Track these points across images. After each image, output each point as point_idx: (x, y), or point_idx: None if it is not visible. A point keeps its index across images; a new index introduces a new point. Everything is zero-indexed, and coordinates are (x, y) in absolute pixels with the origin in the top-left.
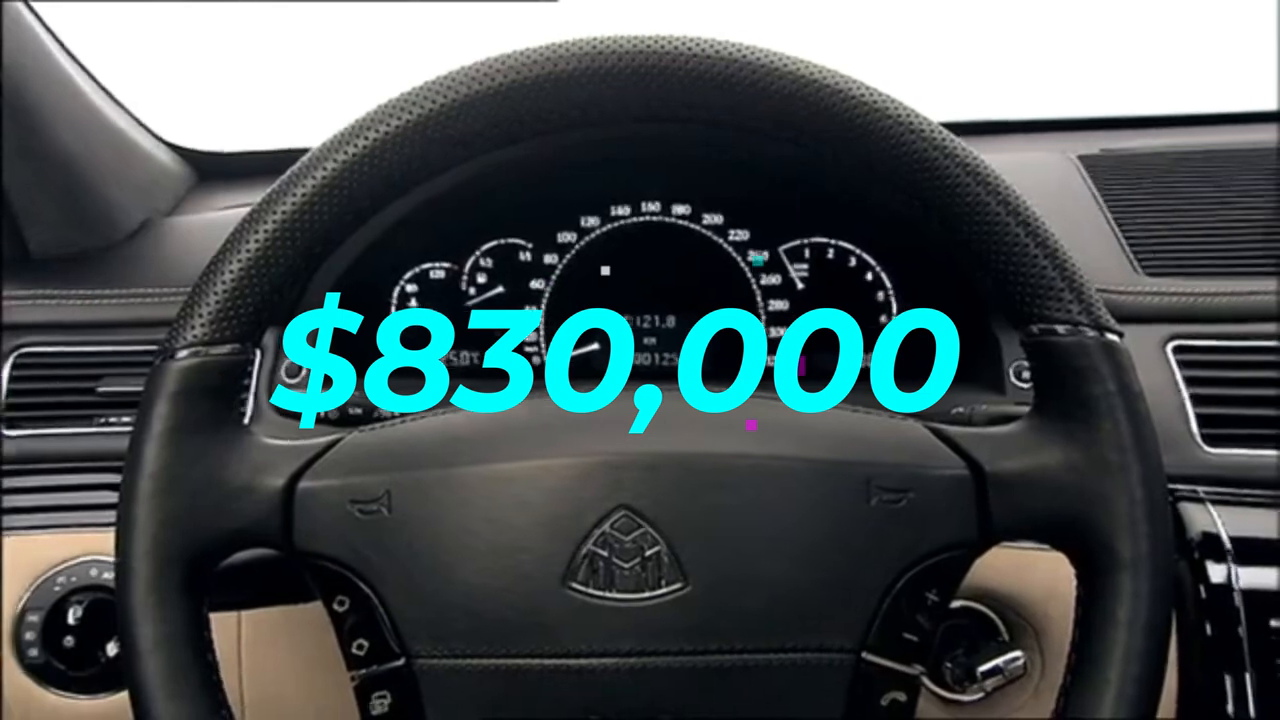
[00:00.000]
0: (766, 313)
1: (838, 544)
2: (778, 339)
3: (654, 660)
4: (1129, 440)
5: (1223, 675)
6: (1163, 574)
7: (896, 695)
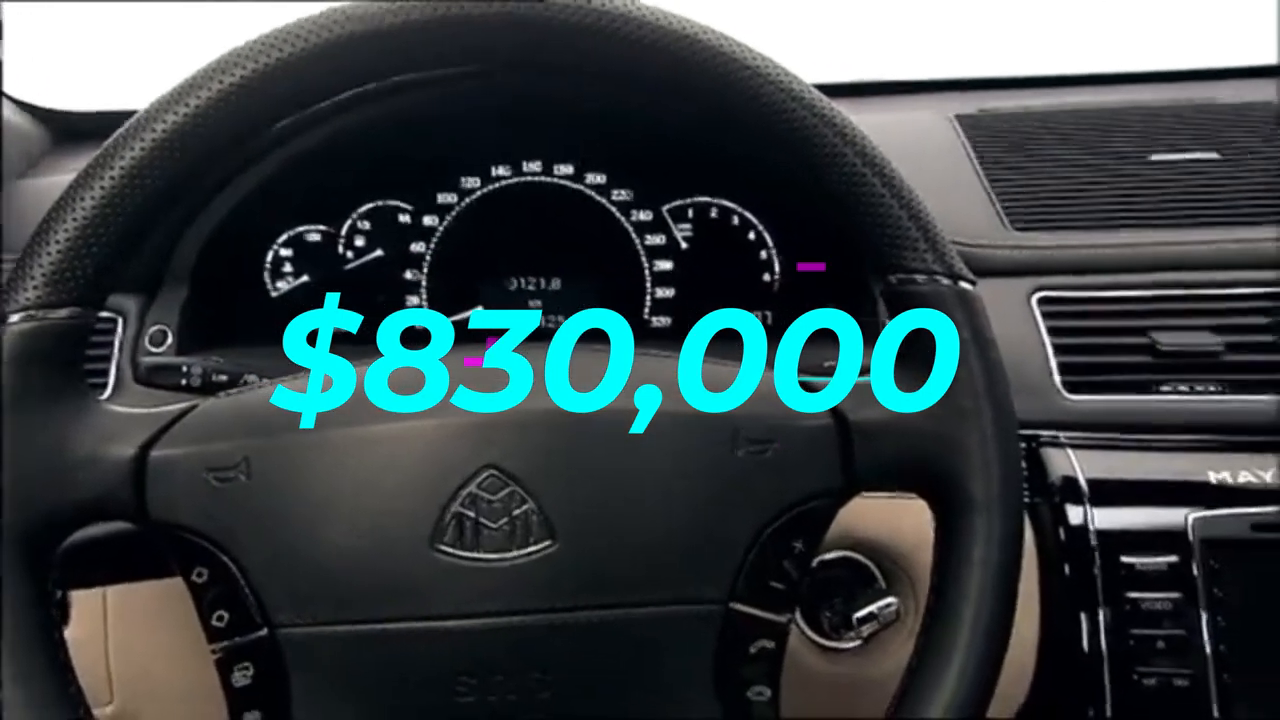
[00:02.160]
0: (651, 273)
1: (705, 496)
2: (664, 300)
3: (523, 619)
4: (981, 386)
5: (1079, 614)
6: (1013, 515)
7: (765, 643)
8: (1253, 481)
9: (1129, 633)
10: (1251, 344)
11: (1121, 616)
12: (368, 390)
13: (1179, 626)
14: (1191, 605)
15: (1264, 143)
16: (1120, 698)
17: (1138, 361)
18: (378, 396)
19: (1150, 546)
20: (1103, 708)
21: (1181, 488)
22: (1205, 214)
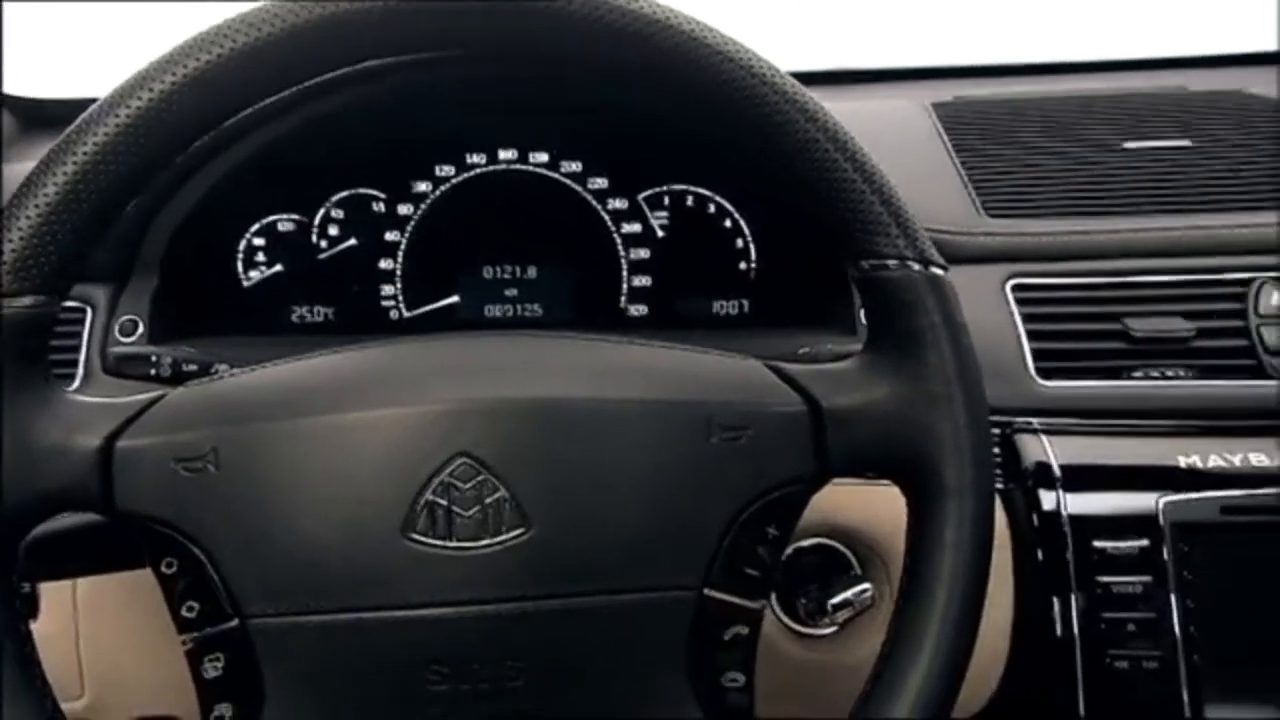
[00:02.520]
0: (627, 262)
1: (679, 483)
2: (641, 288)
3: (497, 607)
4: (953, 371)
5: (1052, 599)
6: (985, 499)
7: (739, 629)
8: (1222, 465)
9: (1101, 616)
10: (1221, 329)
11: (1093, 600)
12: (338, 378)
13: (1149, 609)
14: (1162, 588)
15: (1235, 130)
16: (1092, 681)
17: (1110, 348)
18: (349, 385)
19: (1122, 531)
20: (1074, 692)
21: (1153, 472)
22: (1177, 201)
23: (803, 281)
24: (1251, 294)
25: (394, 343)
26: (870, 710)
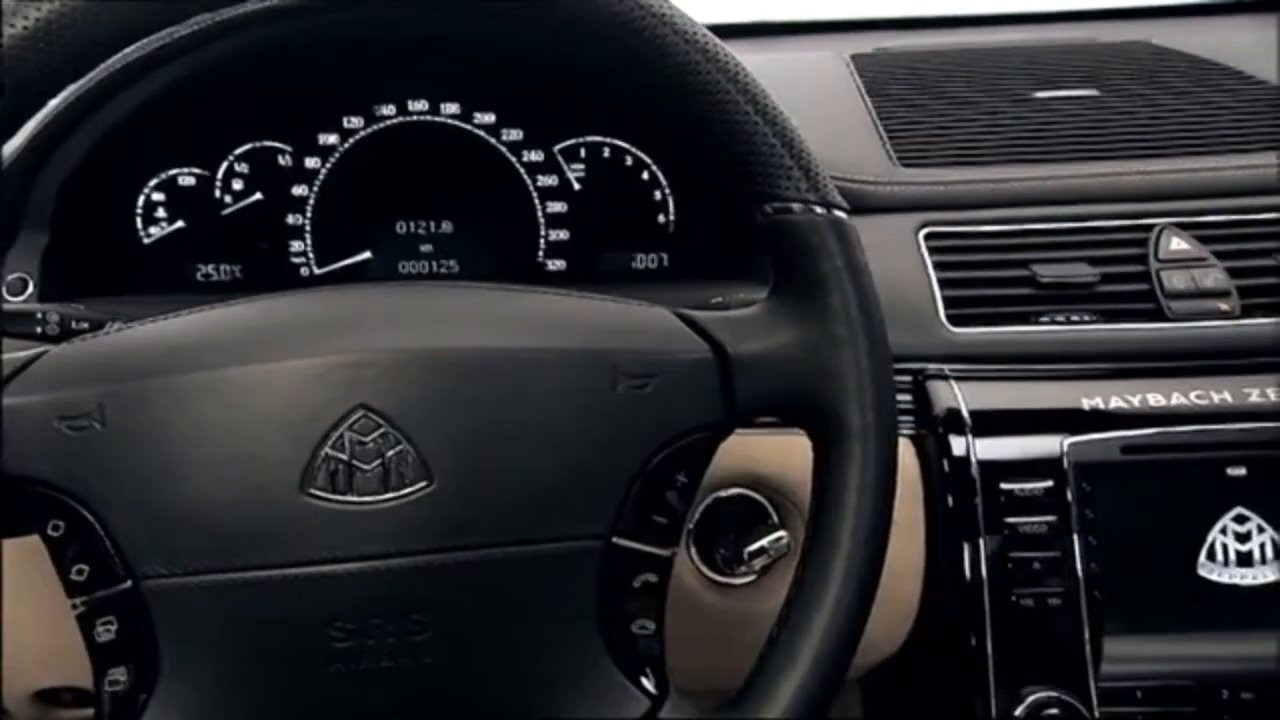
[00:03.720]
0: (544, 215)
1: (585, 432)
2: (559, 242)
3: (400, 562)
4: (856, 315)
5: (962, 542)
6: (888, 441)
7: (649, 577)
8: (1123, 406)
9: (1007, 557)
10: (1124, 274)
11: (1001, 542)
12: (231, 331)
13: (1054, 549)
14: (1065, 528)
15: (1140, 80)
16: (999, 620)
17: (1019, 294)
18: (242, 338)
19: (1028, 473)
20: (984, 634)
21: (1058, 415)
22: (1084, 149)
23: (722, 234)
24: (1153, 239)
25: (289, 295)
26: (777, 653)
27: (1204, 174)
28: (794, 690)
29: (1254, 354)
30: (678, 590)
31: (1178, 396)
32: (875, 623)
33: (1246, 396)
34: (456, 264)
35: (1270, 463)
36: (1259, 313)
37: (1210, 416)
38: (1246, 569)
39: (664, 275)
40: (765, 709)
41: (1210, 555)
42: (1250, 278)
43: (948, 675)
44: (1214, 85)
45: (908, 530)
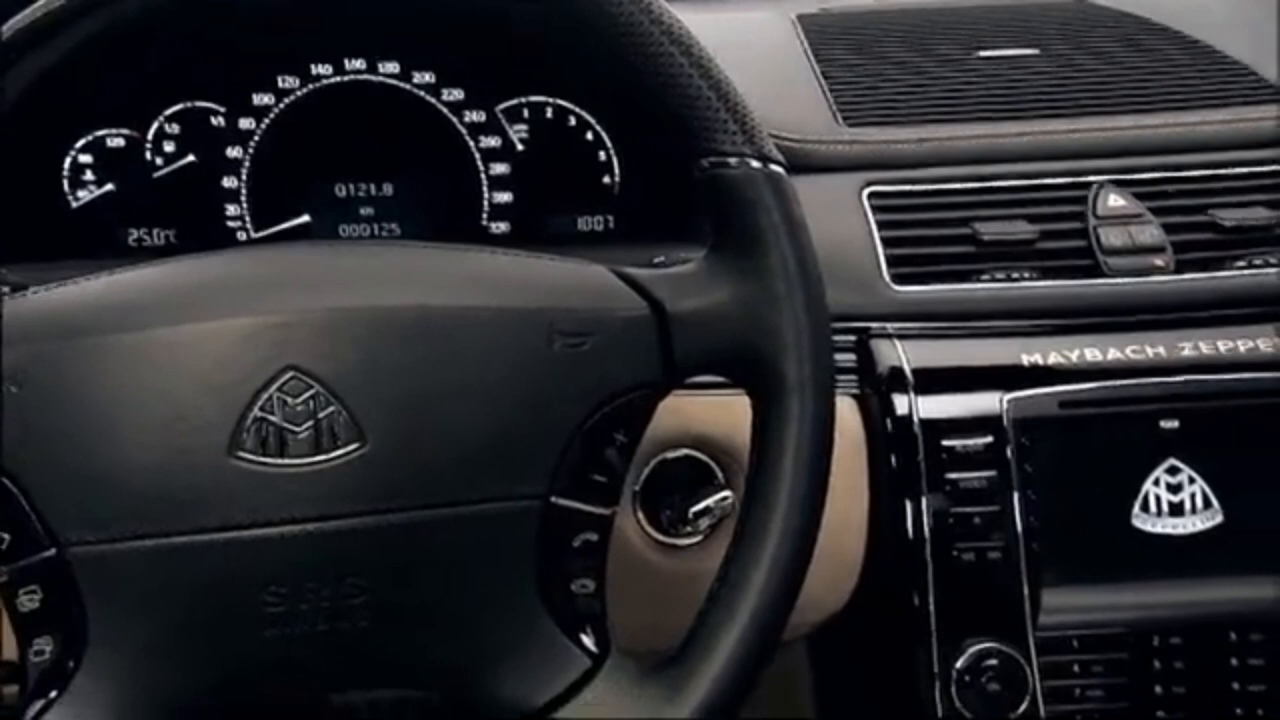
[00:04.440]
0: (487, 177)
1: (521, 391)
2: (503, 205)
3: (334, 524)
4: (794, 270)
5: (905, 500)
6: (825, 396)
7: (588, 536)
8: (1061, 362)
9: (949, 512)
10: (1062, 231)
11: (942, 498)
12: (155, 291)
13: (994, 503)
14: (1005, 482)
15: (1078, 38)
16: (940, 574)
17: (960, 252)
18: (166, 298)
19: (969, 429)
20: (925, 589)
21: (998, 371)
22: (1024, 108)
23: (668, 195)
24: (1091, 196)
25: (219, 254)
26: (716, 610)
27: (1141, 131)
28: (733, 646)
29: (1188, 309)
30: (624, 552)
31: (1114, 351)
32: (820, 580)
33: (1180, 351)
34: (398, 227)
35: (1202, 415)
36: (1193, 268)
37: (1145, 371)
38: (1178, 519)
39: (610, 237)
40: (704, 665)
41: (1144, 507)
42: (1185, 233)
43: (892, 630)
44: (1151, 44)
45: (851, 488)
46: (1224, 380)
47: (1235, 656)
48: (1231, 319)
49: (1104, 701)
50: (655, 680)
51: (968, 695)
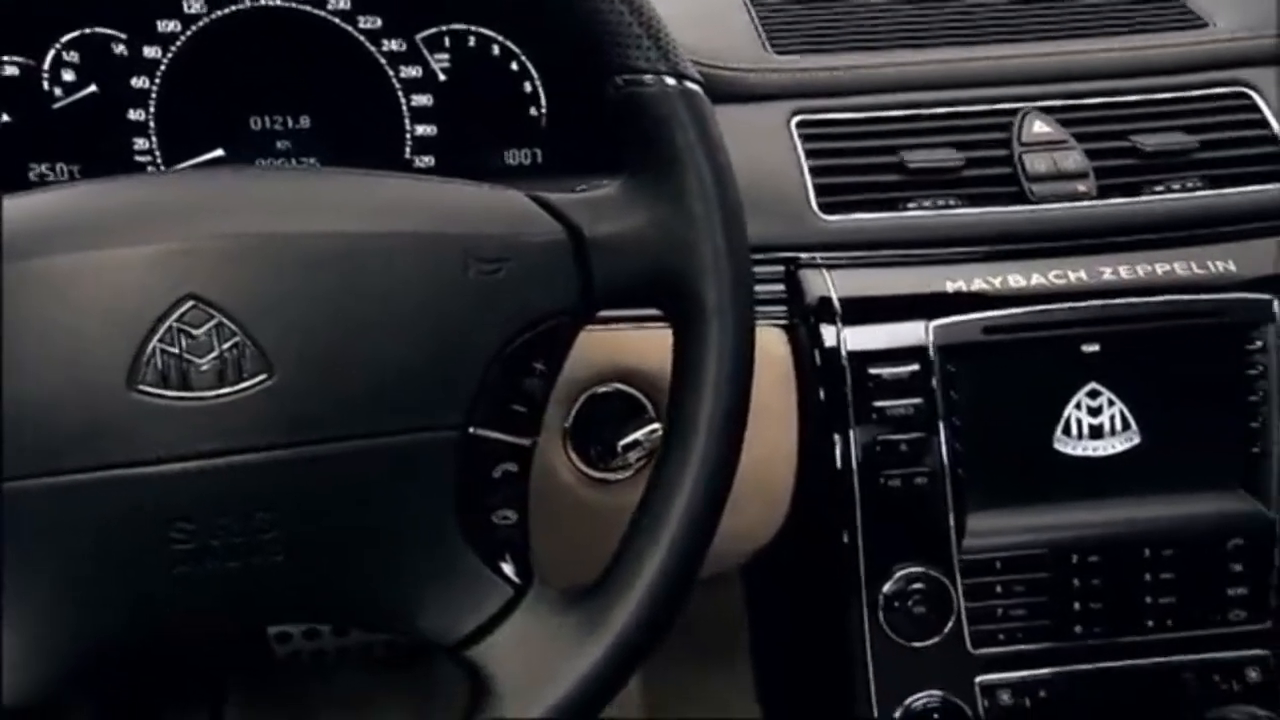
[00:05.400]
0: (409, 109)
1: (435, 319)
2: (426, 138)
3: (242, 458)
4: (711, 191)
5: (832, 429)
6: (745, 319)
7: (508, 466)
8: (985, 288)
9: (876, 440)
10: (987, 158)
11: (870, 426)
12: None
13: (920, 430)
14: (930, 409)
15: None
16: (868, 502)
17: (888, 180)
18: (57, 225)
19: (895, 357)
20: (853, 516)
21: (924, 299)
22: (952, 34)
23: (596, 126)
24: (1016, 123)
25: (117, 179)
26: (638, 538)
27: (1066, 57)
28: (653, 575)
29: (1109, 233)
30: (556, 488)
31: (1037, 277)
32: (750, 511)
33: (1100, 275)
34: (317, 161)
35: (1121, 338)
36: (1115, 193)
37: (1066, 295)
38: (1098, 441)
39: (538, 170)
40: (626, 593)
41: (1065, 430)
42: (1107, 159)
43: (822, 559)
44: None
45: (780, 418)
46: (1143, 303)
47: (1149, 572)
48: (1151, 243)
49: (1025, 620)
50: (576, 610)
51: (895, 619)
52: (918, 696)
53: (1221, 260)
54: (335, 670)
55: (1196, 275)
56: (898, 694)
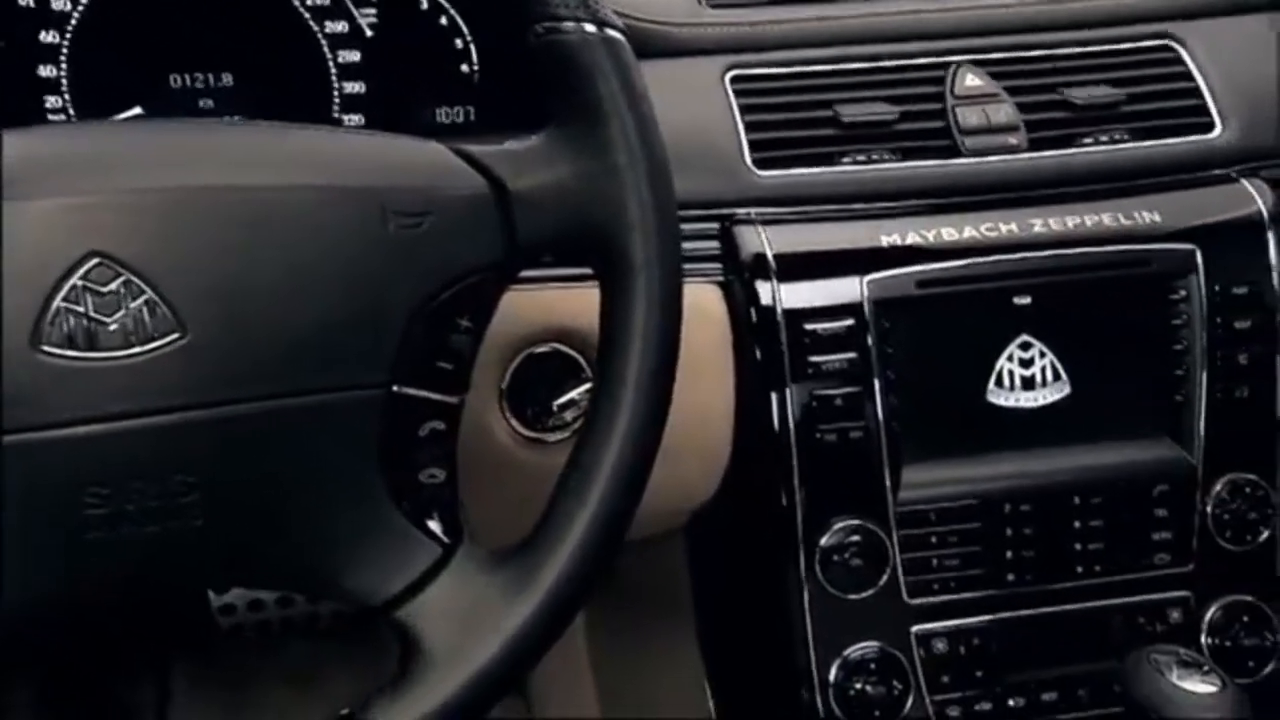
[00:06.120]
0: (336, 66)
1: (355, 275)
2: (354, 95)
3: (155, 420)
4: (635, 142)
5: (770, 385)
6: (672, 274)
7: (435, 425)
8: (919, 242)
9: (813, 395)
10: (921, 112)
11: (806, 382)
12: None
13: (855, 385)
14: (865, 364)
15: None
16: (805, 457)
17: (822, 135)
18: None
19: (830, 312)
20: (791, 475)
21: (859, 254)
22: None
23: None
24: (949, 76)
25: (19, 131)
26: (566, 496)
27: (998, 11)
28: (582, 531)
29: (1040, 186)
30: (492, 449)
31: (969, 230)
32: (690, 468)
33: (1031, 227)
34: (241, 120)
35: (1052, 290)
36: (1045, 146)
37: (998, 248)
38: (1029, 392)
39: (471, 128)
40: (555, 550)
41: (998, 382)
42: (1038, 112)
43: (761, 515)
44: None
45: (717, 376)
46: (1072, 255)
47: (1078, 519)
48: (1080, 195)
49: (959, 570)
50: (505, 568)
51: (833, 572)
52: (855, 648)
53: (1147, 211)
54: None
55: (1123, 226)
56: (836, 646)
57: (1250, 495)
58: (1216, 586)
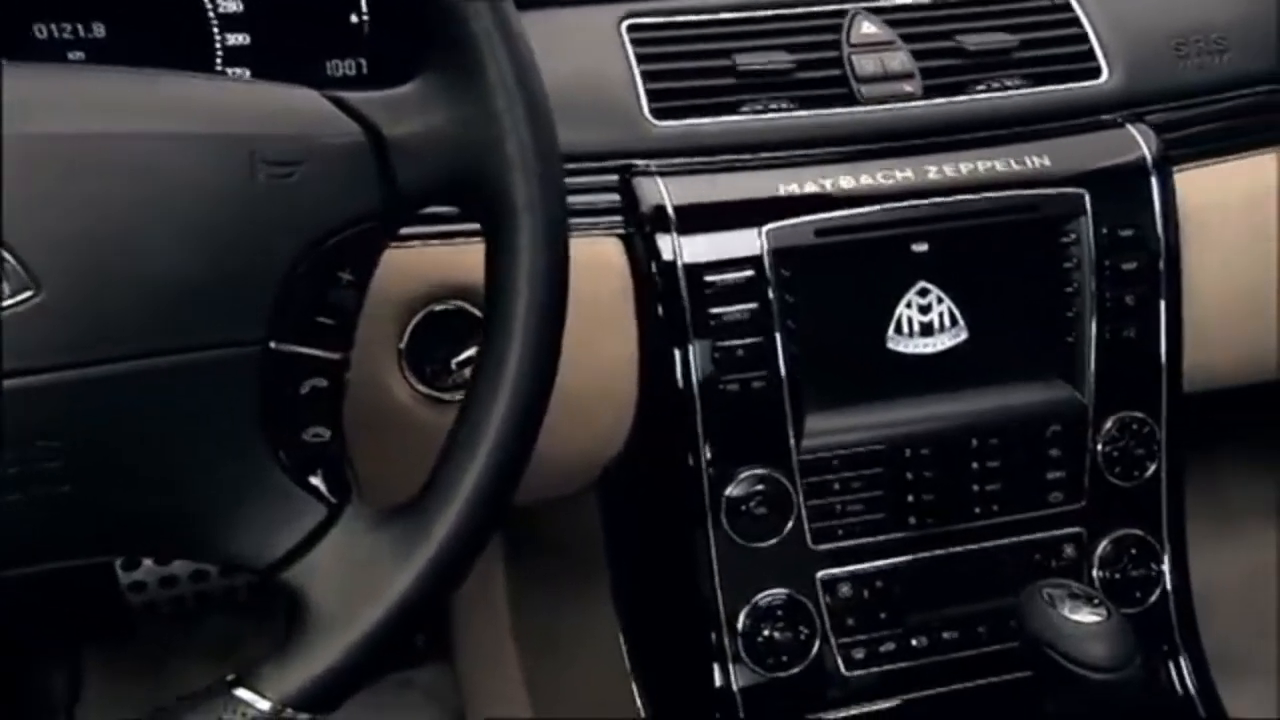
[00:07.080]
0: (217, 16)
1: (222, 227)
2: (238, 48)
3: (12, 382)
4: (512, 84)
5: (672, 337)
6: (555, 218)
7: (318, 382)
8: (816, 190)
9: (715, 347)
10: (818, 60)
11: (708, 333)
12: None
13: (757, 335)
14: (766, 314)
15: None
16: (709, 408)
17: (720, 84)
18: None
19: (731, 263)
20: (696, 426)
21: (757, 204)
22: None
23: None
24: (845, 24)
25: None
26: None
27: None
28: (471, 486)
29: (934, 133)
30: (390, 408)
31: (865, 178)
32: (596, 423)
33: (926, 174)
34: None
35: (948, 236)
36: (940, 93)
37: (895, 195)
38: (928, 338)
39: (363, 82)
40: (445, 506)
41: (898, 329)
42: (932, 59)
43: (668, 467)
44: None
45: (620, 329)
46: (966, 201)
47: (976, 461)
48: (974, 142)
49: (862, 515)
50: (394, 526)
51: (739, 521)
52: (763, 595)
53: (1038, 156)
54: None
55: (1015, 171)
56: (744, 594)
57: (1138, 432)
58: (1107, 522)
